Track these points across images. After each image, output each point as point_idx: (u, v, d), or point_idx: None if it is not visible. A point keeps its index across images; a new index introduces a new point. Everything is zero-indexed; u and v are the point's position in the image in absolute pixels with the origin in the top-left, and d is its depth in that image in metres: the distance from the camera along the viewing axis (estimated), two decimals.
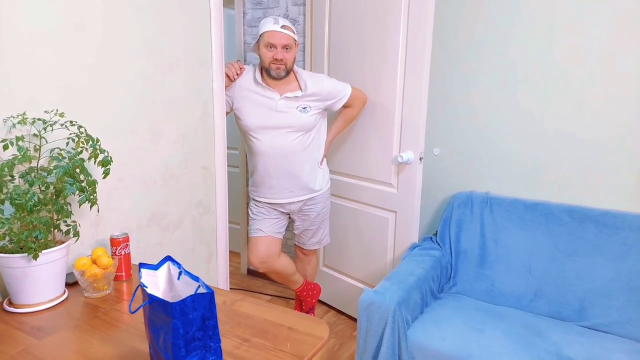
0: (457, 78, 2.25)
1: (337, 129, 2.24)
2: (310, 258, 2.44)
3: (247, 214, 2.20)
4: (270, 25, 1.93)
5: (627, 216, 1.82)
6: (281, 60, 1.92)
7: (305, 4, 2.66)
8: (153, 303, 0.80)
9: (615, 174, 1.92)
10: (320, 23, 2.51)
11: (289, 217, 2.27)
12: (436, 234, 2.27)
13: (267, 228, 2.17)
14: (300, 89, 2.02)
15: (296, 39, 1.97)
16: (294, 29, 1.97)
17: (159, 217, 1.67)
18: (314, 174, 2.16)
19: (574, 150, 1.99)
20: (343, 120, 2.23)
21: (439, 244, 2.19)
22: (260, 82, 1.99)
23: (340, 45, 2.40)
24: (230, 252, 3.04)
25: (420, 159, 2.13)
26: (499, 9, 2.09)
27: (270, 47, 1.92)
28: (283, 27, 1.92)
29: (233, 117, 2.16)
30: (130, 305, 0.83)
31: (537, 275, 1.95)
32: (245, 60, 2.99)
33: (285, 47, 1.92)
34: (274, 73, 1.94)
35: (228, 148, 2.05)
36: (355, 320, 2.57)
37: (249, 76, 2.03)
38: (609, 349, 1.59)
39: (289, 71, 1.98)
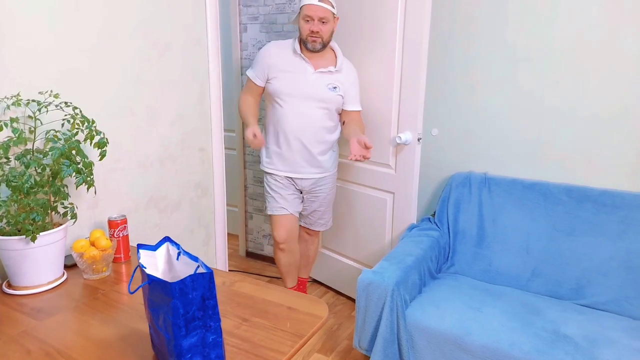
0: (455, 58, 2.22)
1: (361, 130, 2.11)
2: (314, 238, 2.47)
3: (265, 188, 2.22)
4: None
5: (626, 195, 1.83)
6: (317, 32, 1.94)
7: None
8: (152, 283, 0.80)
9: (614, 153, 1.91)
10: None
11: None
12: (434, 214, 2.27)
13: (290, 206, 2.18)
14: (335, 65, 2.05)
15: (335, 13, 1.97)
16: (333, 2, 1.96)
17: (156, 199, 1.67)
18: (327, 154, 2.17)
19: (573, 129, 1.98)
20: (357, 125, 2.12)
21: (437, 225, 2.19)
22: (299, 52, 2.01)
23: (338, 25, 2.36)
24: (229, 234, 3.05)
25: (419, 140, 2.12)
26: None
27: (308, 20, 1.94)
28: (321, 0, 1.93)
29: (233, 101, 2.14)
30: (129, 285, 0.83)
31: (534, 255, 1.96)
32: (241, 41, 2.95)
33: (322, 20, 1.94)
34: (310, 45, 1.97)
35: (225, 130, 2.04)
36: (353, 300, 2.59)
37: (289, 48, 2.05)
38: (605, 327, 1.61)
39: (325, 44, 2.00)
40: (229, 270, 2.55)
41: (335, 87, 2.04)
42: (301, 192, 2.24)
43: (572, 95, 1.97)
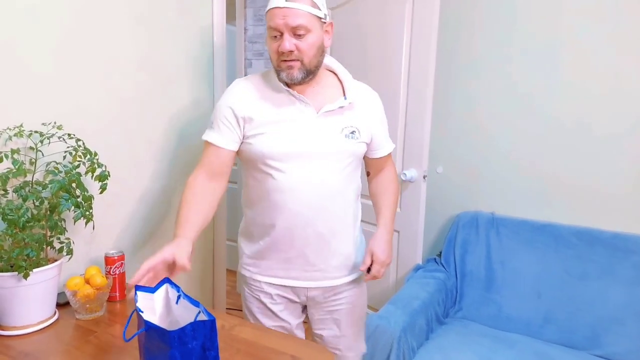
0: (460, 94, 2.23)
1: (392, 205, 1.42)
2: None
3: (244, 306, 1.43)
4: None
5: (639, 239, 1.78)
6: (291, 52, 1.16)
7: None
8: (149, 330, 0.74)
9: (626, 194, 1.87)
10: None
11: (304, 309, 1.42)
12: (440, 254, 2.21)
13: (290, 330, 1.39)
14: (344, 95, 1.28)
15: (320, 15, 1.17)
16: None
17: (156, 235, 1.61)
18: (354, 235, 1.37)
19: (582, 170, 1.96)
20: (387, 189, 1.43)
21: (443, 266, 2.13)
22: (285, 88, 1.22)
23: (341, 61, 2.37)
24: (227, 270, 2.96)
25: (424, 177, 2.09)
26: (498, 26, 2.08)
27: (275, 36, 1.17)
28: None
29: None
30: (124, 332, 0.77)
31: (546, 300, 1.89)
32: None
33: (297, 32, 1.14)
34: (285, 76, 1.19)
35: None
36: None
37: (268, 83, 1.27)
38: None
39: (310, 69, 1.20)
40: (227, 309, 2.47)
41: (353, 132, 1.26)
42: (305, 307, 1.40)
43: (579, 134, 1.95)
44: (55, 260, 1.16)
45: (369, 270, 1.29)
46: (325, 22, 1.21)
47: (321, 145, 1.23)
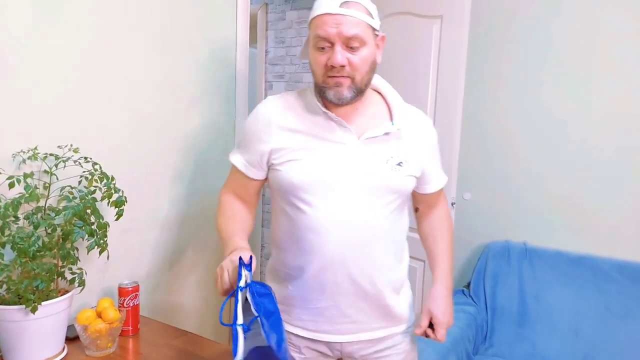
0: (489, 119, 2.14)
1: (448, 253, 1.23)
2: None
3: None
4: (324, 2, 0.98)
5: None
6: (342, 68, 0.98)
7: None
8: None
9: None
10: None
11: None
12: (468, 286, 2.09)
13: None
14: (391, 119, 1.10)
15: (375, 26, 1.01)
16: (370, 7, 1.00)
17: (172, 262, 1.54)
18: (403, 287, 1.18)
19: (623, 200, 1.84)
20: (441, 231, 1.25)
21: (472, 299, 2.01)
22: (323, 109, 1.05)
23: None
24: None
25: (452, 204, 1.99)
26: (532, 49, 2.02)
27: (322, 47, 0.99)
28: (345, 3, 0.96)
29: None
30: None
31: (585, 339, 1.76)
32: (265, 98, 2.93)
33: (351, 43, 0.97)
34: (333, 95, 1.01)
35: None
36: None
37: (303, 104, 1.09)
38: None
39: (360, 90, 1.03)
40: None
41: (400, 163, 1.06)
42: None
43: (620, 161, 1.84)
44: (66, 292, 1.09)
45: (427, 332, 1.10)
46: (377, 35, 1.03)
47: (362, 177, 1.03)
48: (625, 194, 1.84)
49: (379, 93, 1.14)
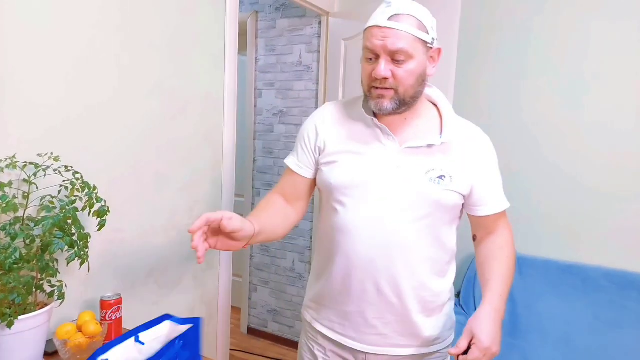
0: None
1: (503, 276, 1.07)
2: None
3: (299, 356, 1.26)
4: (376, 14, 1.00)
5: None
6: (386, 80, 0.99)
7: (319, 51, 2.61)
8: None
9: None
10: (335, 70, 2.44)
11: None
12: (458, 295, 2.08)
13: None
14: (440, 132, 1.07)
15: (427, 40, 1.00)
16: (423, 18, 0.99)
17: (157, 274, 1.50)
18: (434, 316, 1.11)
19: (613, 207, 1.85)
20: (497, 256, 1.11)
21: (462, 308, 1.99)
22: (369, 116, 1.07)
23: (353, 92, 2.31)
24: (231, 307, 2.82)
25: None
26: (517, 57, 2.02)
27: (370, 58, 1.01)
28: (395, 17, 0.97)
29: (242, 167, 2.02)
30: None
31: (576, 348, 1.74)
32: (255, 106, 2.90)
33: (396, 55, 0.97)
34: (374, 106, 1.03)
35: (235, 195, 1.90)
36: None
37: (350, 107, 1.14)
38: None
39: (404, 102, 1.02)
40: (230, 350, 2.32)
41: (442, 177, 1.04)
42: None
43: (609, 171, 1.85)
44: (45, 305, 1.05)
45: (465, 352, 0.94)
46: (431, 48, 1.02)
47: (397, 184, 1.02)
48: (614, 202, 1.85)
49: (436, 106, 1.12)
